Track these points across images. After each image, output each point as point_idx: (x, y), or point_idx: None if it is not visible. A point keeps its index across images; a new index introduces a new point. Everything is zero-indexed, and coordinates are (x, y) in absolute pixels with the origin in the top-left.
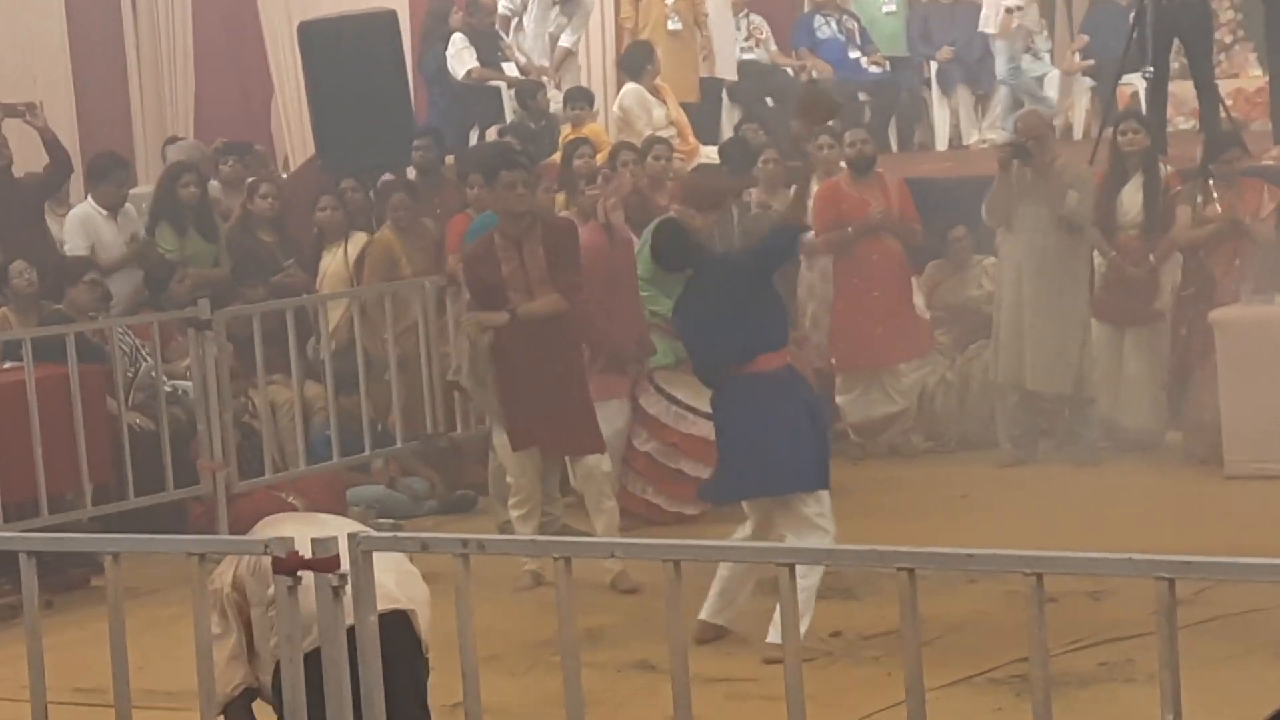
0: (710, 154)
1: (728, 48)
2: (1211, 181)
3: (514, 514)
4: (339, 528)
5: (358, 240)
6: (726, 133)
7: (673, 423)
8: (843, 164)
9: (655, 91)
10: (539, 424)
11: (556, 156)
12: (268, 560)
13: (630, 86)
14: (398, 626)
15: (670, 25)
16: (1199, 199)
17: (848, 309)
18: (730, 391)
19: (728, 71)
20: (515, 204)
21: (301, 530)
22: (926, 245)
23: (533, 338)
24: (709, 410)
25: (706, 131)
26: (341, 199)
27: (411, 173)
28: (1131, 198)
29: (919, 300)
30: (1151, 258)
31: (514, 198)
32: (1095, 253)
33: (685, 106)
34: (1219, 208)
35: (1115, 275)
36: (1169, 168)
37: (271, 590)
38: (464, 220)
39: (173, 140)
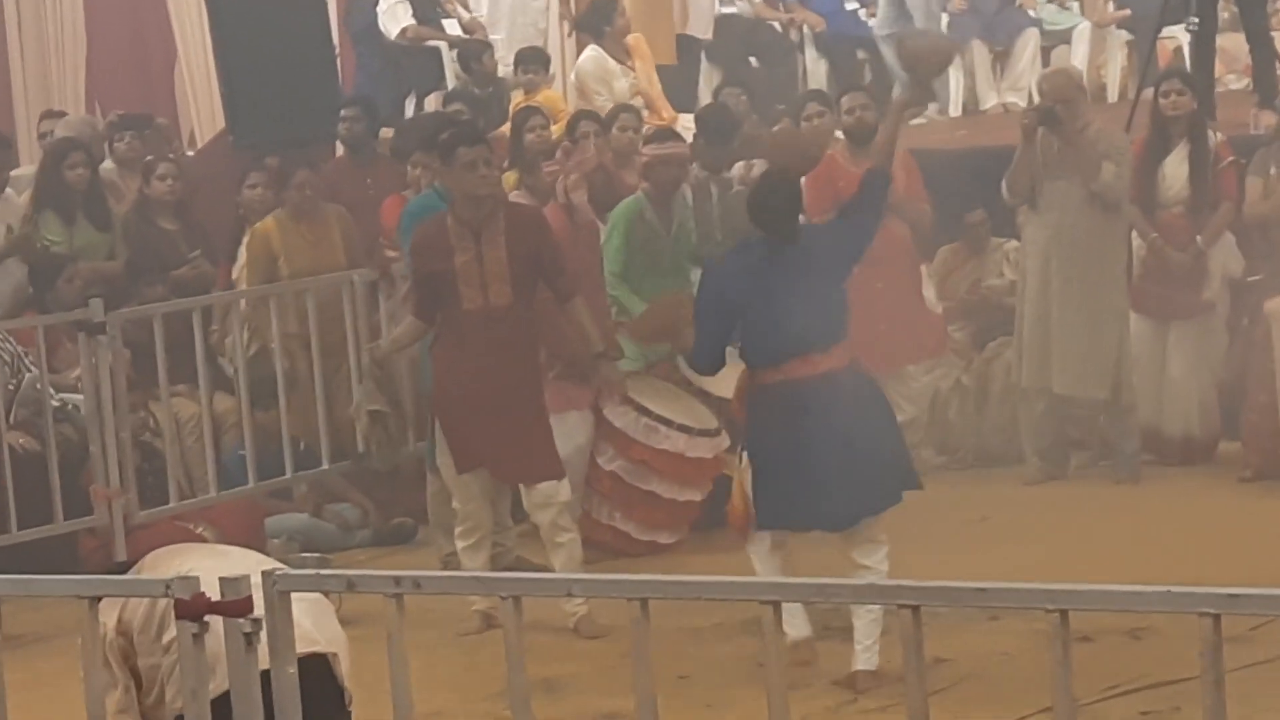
0: (687, 124)
1: (703, 1)
2: None
3: (460, 545)
4: (251, 564)
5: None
6: (706, 100)
7: (643, 437)
8: (838, 134)
9: (625, 54)
10: (486, 443)
11: (506, 128)
12: (164, 603)
13: (589, 51)
14: (317, 673)
15: None
16: (1272, 170)
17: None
18: (788, 395)
19: (702, 29)
20: (477, 185)
21: (207, 566)
22: (937, 228)
23: (479, 341)
24: (685, 423)
25: (683, 98)
26: (272, 176)
27: (339, 148)
28: (1175, 170)
29: (929, 292)
30: (1199, 239)
31: (476, 179)
32: (1134, 234)
33: (661, 71)
34: None
35: (1157, 260)
36: (1218, 134)
37: (168, 637)
38: (398, 203)
39: (54, 114)
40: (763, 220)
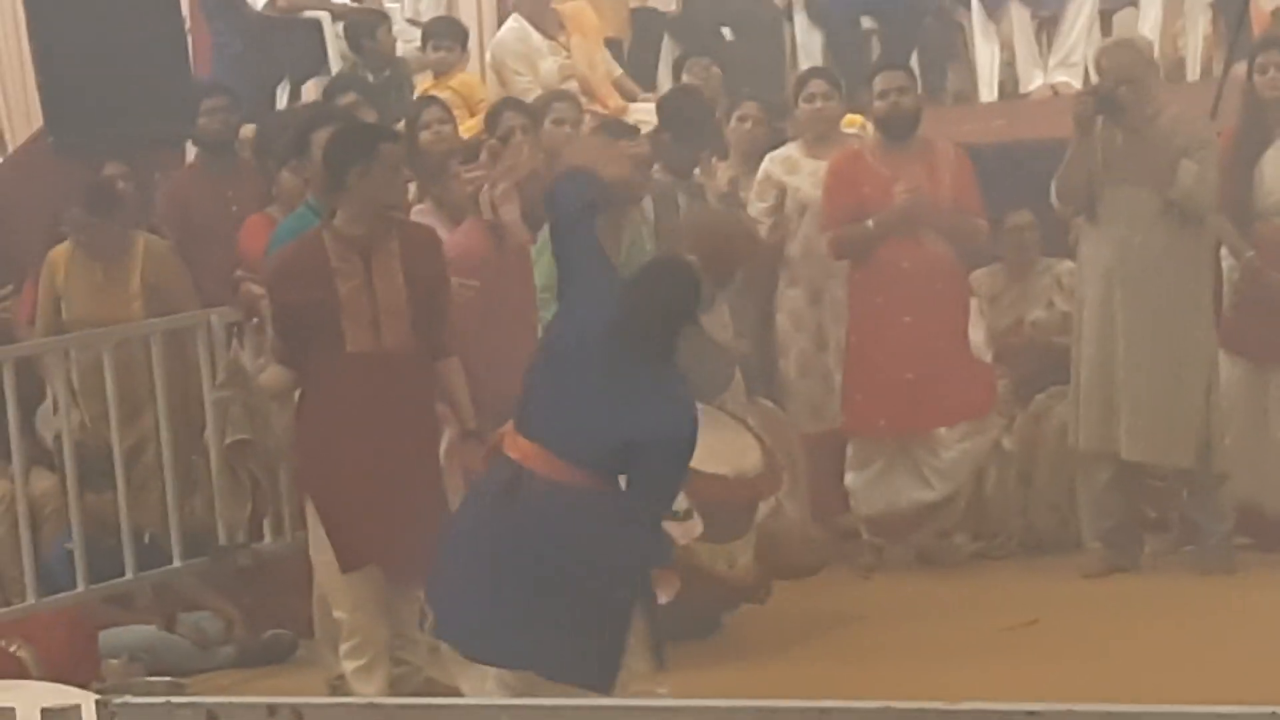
0: (645, 113)
1: None
2: None
3: (347, 666)
4: (75, 696)
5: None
6: (664, 80)
7: None
8: (864, 124)
9: (558, 27)
10: (377, 533)
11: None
12: None
13: (510, 22)
14: None
15: None
16: None
17: (866, 343)
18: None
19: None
20: (397, 192)
21: (21, 699)
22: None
23: (367, 394)
24: None
25: (641, 82)
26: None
27: (190, 151)
28: (1277, 169)
29: (978, 333)
30: None
31: (397, 183)
32: (1223, 253)
33: (611, 48)
34: None
35: (1254, 286)
36: None
37: None
38: (264, 224)
39: None
40: (634, 313)
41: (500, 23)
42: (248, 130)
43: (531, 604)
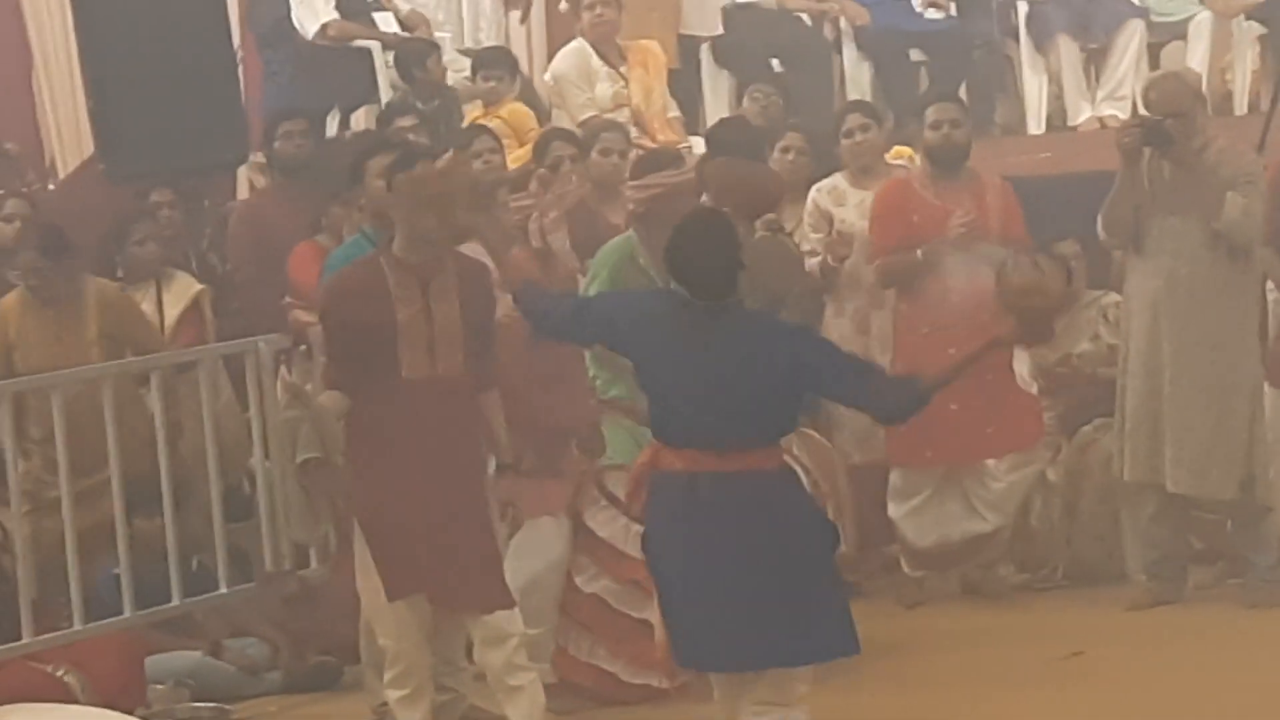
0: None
1: None
2: None
3: (391, 695)
4: None
5: (181, 285)
6: (711, 110)
7: (635, 549)
8: (911, 156)
9: (619, 57)
10: (425, 560)
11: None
12: None
13: (572, 44)
14: None
15: None
16: None
17: (911, 372)
18: (692, 493)
19: (708, 25)
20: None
21: None
22: None
23: (421, 421)
24: None
25: (685, 109)
26: (156, 220)
27: (245, 179)
28: None
29: (1023, 365)
30: None
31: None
32: (1269, 286)
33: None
34: None
35: None
36: None
37: None
38: (313, 252)
39: None
40: (681, 268)
41: (551, 55)
42: None
43: (757, 600)
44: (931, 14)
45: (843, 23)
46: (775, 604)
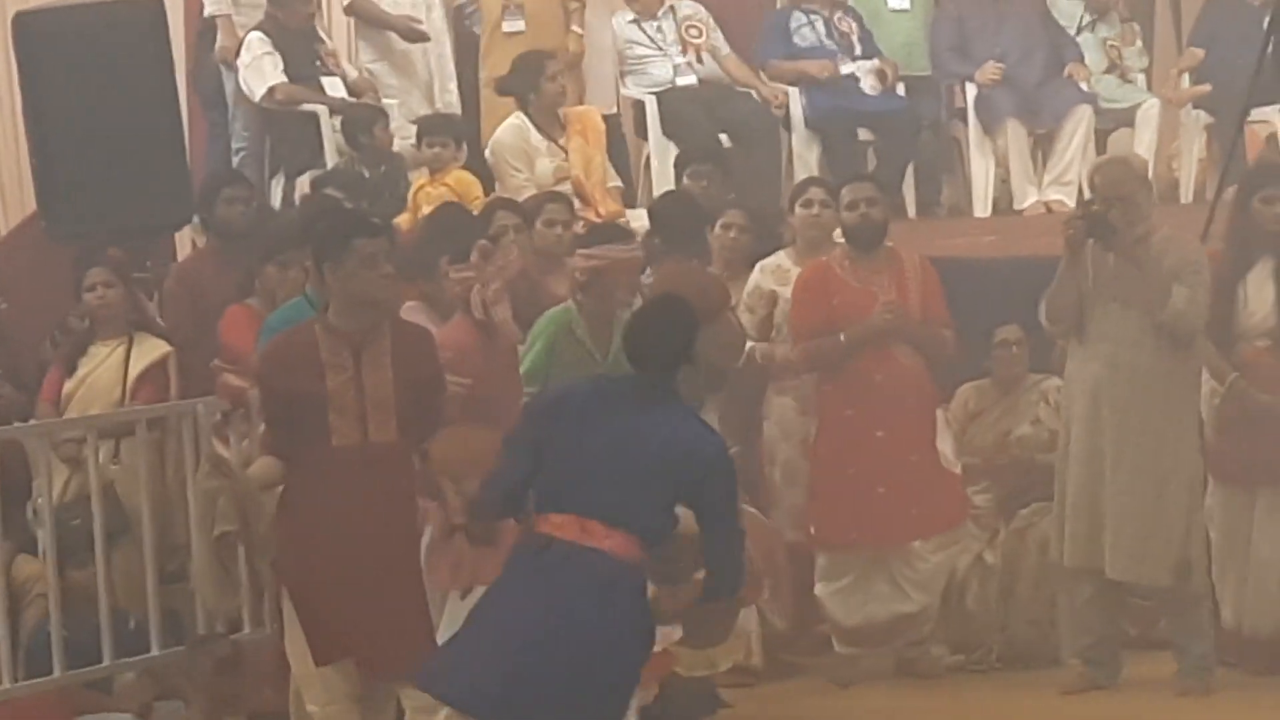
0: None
1: (604, 70)
2: None
3: None
4: None
5: (150, 344)
6: (658, 183)
7: None
8: (837, 235)
9: (559, 128)
10: (353, 627)
11: (405, 218)
12: None
13: (512, 120)
14: None
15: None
16: None
17: (836, 455)
18: (545, 559)
19: (604, 103)
20: (377, 288)
21: None
22: (959, 359)
23: (351, 487)
24: None
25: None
26: (120, 274)
27: (186, 239)
28: (1259, 291)
29: (946, 445)
30: None
31: (375, 279)
32: (1204, 375)
33: None
34: None
35: (1238, 409)
36: None
37: None
38: (245, 315)
39: None
40: (633, 342)
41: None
42: None
43: (548, 671)
44: (879, 93)
45: (791, 101)
46: (563, 680)
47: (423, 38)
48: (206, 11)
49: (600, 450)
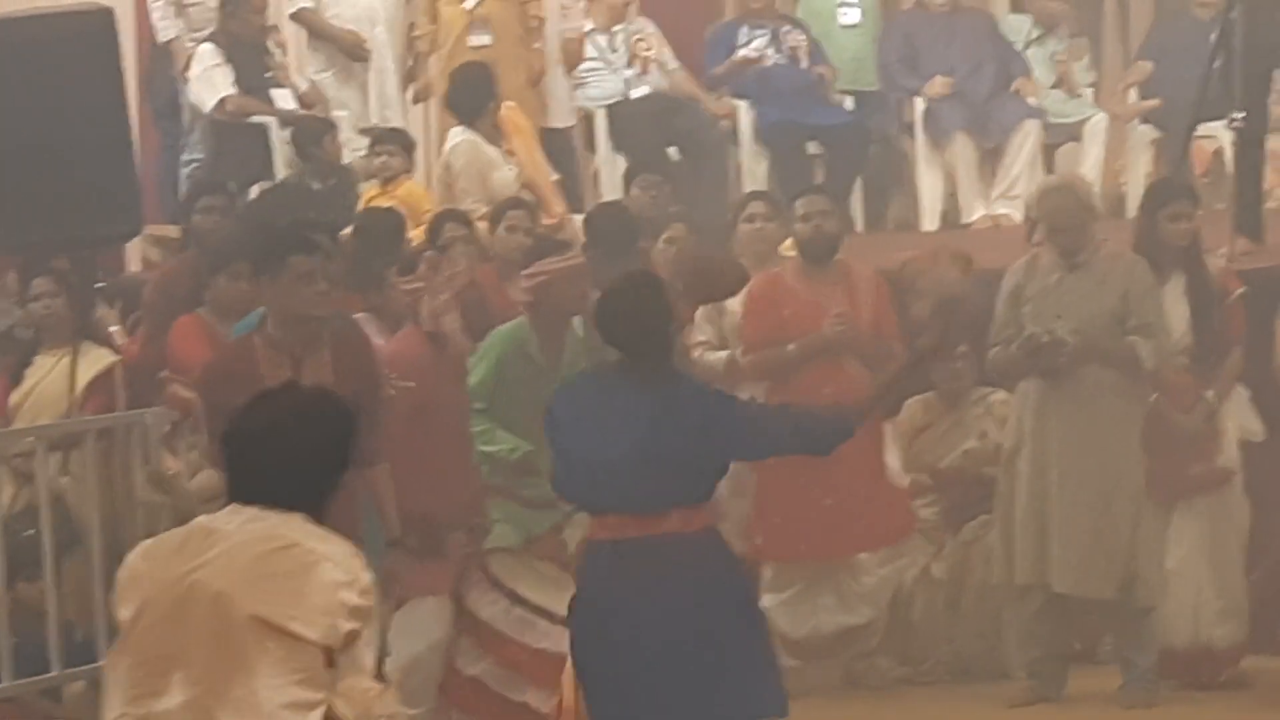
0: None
1: (560, 87)
2: None
3: None
4: None
5: (96, 354)
6: (607, 193)
7: (515, 632)
8: (788, 247)
9: (499, 135)
10: None
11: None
12: None
13: (461, 136)
14: None
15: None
16: None
17: (783, 468)
18: (617, 560)
19: (562, 118)
20: (311, 305)
21: None
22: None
23: None
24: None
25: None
26: (64, 283)
27: (136, 251)
28: (1172, 309)
29: (893, 458)
30: (1209, 396)
31: (310, 296)
32: None
33: None
34: None
35: (1158, 427)
36: (1228, 260)
37: None
38: (194, 324)
39: None
40: (612, 332)
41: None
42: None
43: (684, 664)
44: (826, 107)
45: (740, 114)
46: (702, 667)
47: (365, 56)
48: (160, 39)
49: (625, 447)
